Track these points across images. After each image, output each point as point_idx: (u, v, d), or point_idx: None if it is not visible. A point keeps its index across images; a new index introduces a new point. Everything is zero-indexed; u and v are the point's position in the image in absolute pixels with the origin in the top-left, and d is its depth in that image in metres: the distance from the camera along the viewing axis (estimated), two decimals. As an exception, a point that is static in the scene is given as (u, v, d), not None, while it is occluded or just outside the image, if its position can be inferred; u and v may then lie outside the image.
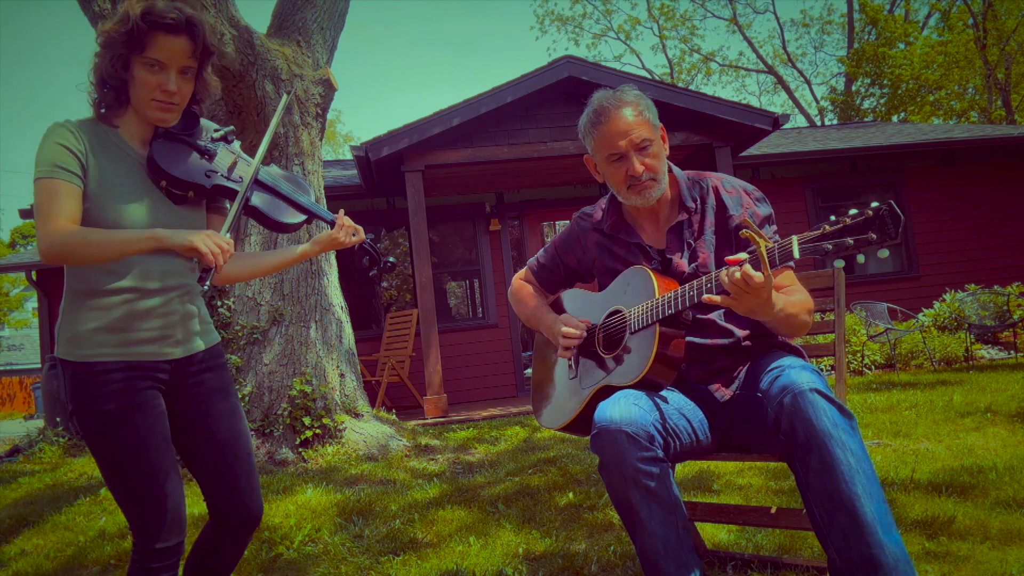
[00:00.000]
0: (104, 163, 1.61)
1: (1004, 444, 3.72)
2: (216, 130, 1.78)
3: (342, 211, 1.86)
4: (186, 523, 1.70)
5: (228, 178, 1.73)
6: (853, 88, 24.75)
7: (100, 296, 1.61)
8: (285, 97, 1.95)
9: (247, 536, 1.81)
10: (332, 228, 1.83)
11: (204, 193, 1.72)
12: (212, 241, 1.55)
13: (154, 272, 1.64)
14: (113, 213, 1.59)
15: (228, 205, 1.79)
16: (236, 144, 1.80)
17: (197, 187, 1.69)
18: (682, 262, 1.96)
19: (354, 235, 1.83)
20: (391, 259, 1.95)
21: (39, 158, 1.55)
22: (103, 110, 1.66)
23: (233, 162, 1.75)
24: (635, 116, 1.92)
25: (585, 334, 2.02)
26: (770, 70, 26.89)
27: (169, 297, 1.67)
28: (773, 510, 2.20)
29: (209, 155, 1.73)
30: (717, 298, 1.66)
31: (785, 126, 12.24)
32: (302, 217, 1.83)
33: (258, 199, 1.77)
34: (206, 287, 1.59)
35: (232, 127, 1.84)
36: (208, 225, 1.79)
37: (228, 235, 1.61)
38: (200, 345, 1.76)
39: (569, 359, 2.09)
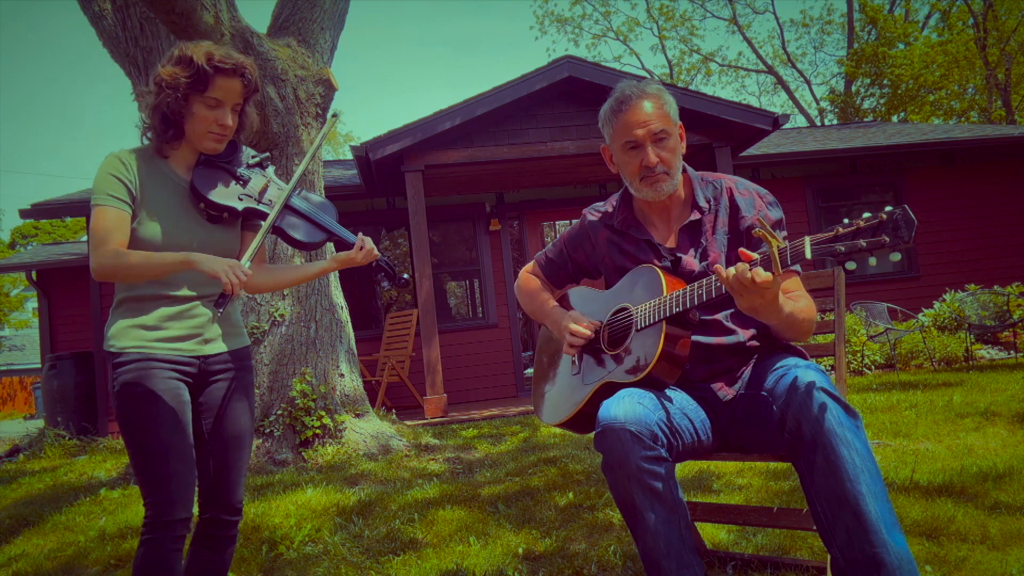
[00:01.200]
0: (152, 188, 1.86)
1: (1004, 444, 3.72)
2: (253, 156, 2.01)
3: (361, 233, 2.04)
4: (193, 502, 1.84)
5: (259, 201, 1.95)
6: (853, 89, 24.75)
7: (139, 301, 1.85)
8: (319, 137, 2.20)
9: (229, 524, 1.97)
10: (351, 248, 2.00)
11: (237, 215, 1.94)
12: (233, 272, 1.74)
13: (188, 280, 1.88)
14: (159, 231, 1.84)
15: (262, 223, 2.00)
16: (270, 169, 2.03)
17: (231, 210, 1.92)
18: (692, 260, 1.96)
19: (368, 256, 2.00)
20: (405, 276, 2.15)
21: (96, 187, 1.82)
22: (160, 143, 1.89)
23: (264, 186, 1.98)
24: (656, 108, 1.94)
25: (592, 335, 2.01)
26: (770, 70, 26.88)
27: (201, 302, 1.91)
28: (774, 510, 2.20)
29: (243, 181, 1.96)
30: (725, 275, 1.65)
31: (785, 126, 12.26)
32: (323, 236, 2.01)
33: (286, 222, 1.96)
34: (220, 312, 1.78)
35: (268, 154, 2.07)
36: (241, 241, 2.02)
37: (248, 264, 1.81)
38: (226, 346, 1.97)
39: (573, 355, 2.09)
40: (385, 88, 76.89)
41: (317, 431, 4.84)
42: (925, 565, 2.18)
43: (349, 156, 15.63)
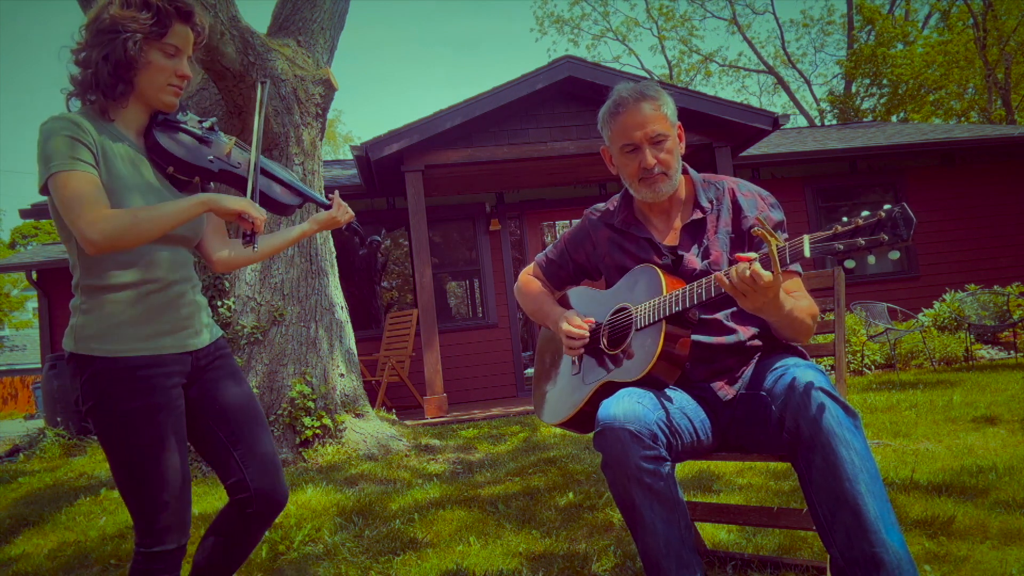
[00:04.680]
0: (110, 153, 1.61)
1: (1004, 444, 3.72)
2: (201, 120, 1.81)
3: (337, 192, 1.98)
4: (190, 525, 1.70)
5: (229, 163, 1.77)
6: (853, 89, 24.75)
7: (119, 290, 1.61)
8: (260, 88, 1.92)
9: (271, 518, 1.78)
10: (327, 209, 1.95)
11: (210, 177, 1.76)
12: (253, 207, 1.65)
13: (165, 263, 1.67)
14: (128, 203, 1.60)
15: (212, 188, 1.86)
16: (222, 133, 1.85)
17: (203, 171, 1.73)
18: (694, 259, 1.97)
19: (346, 214, 1.96)
20: (376, 237, 2.06)
21: (51, 152, 1.52)
22: (108, 100, 1.64)
23: (229, 149, 1.80)
24: (653, 110, 1.94)
25: (588, 336, 2.02)
26: (770, 70, 26.87)
27: (184, 288, 1.71)
28: (774, 510, 2.20)
29: (207, 142, 1.76)
30: (727, 280, 1.66)
31: (785, 126, 12.25)
32: (298, 200, 1.91)
33: (263, 184, 1.84)
34: (255, 249, 1.70)
35: (215, 118, 1.89)
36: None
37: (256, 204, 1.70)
38: (211, 336, 1.79)
39: (574, 356, 2.09)
40: (385, 88, 76.95)
41: (317, 431, 4.84)
42: (925, 565, 2.18)
43: (349, 156, 15.62)
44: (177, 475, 1.63)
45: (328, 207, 1.94)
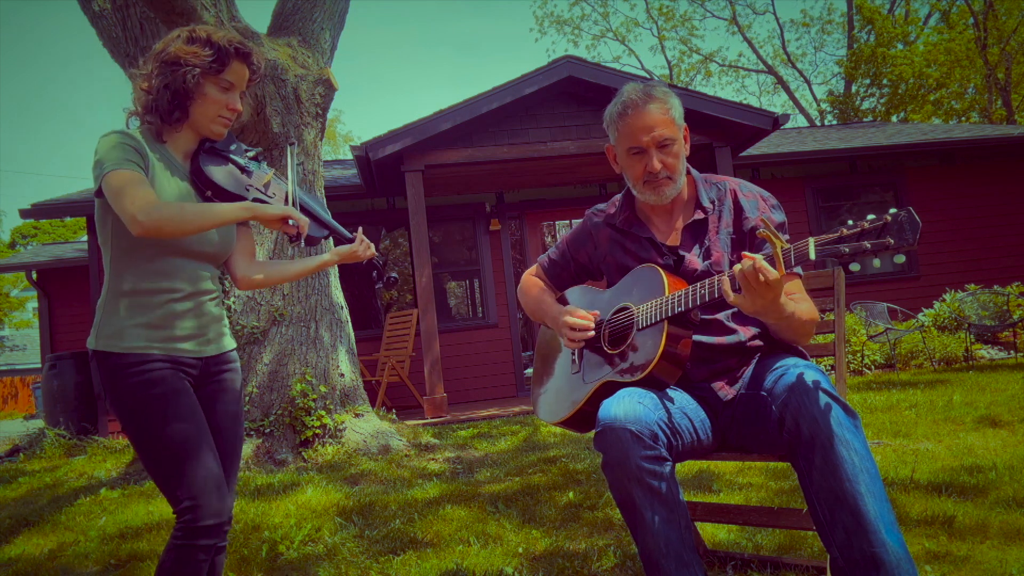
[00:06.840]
0: (158, 171, 1.77)
1: (1004, 444, 3.72)
2: (247, 150, 1.98)
3: (360, 229, 2.06)
4: (231, 509, 1.76)
5: (265, 194, 1.92)
6: (853, 90, 24.75)
7: (143, 295, 1.75)
8: (290, 149, 2.11)
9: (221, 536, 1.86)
10: (349, 243, 2.02)
11: None
12: (296, 212, 1.80)
13: (189, 276, 1.80)
14: None
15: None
16: (265, 164, 2.00)
17: (238, 198, 1.86)
18: (695, 259, 1.97)
19: (368, 250, 2.03)
20: (394, 275, 2.13)
21: (105, 157, 1.67)
22: (164, 125, 1.81)
23: (268, 180, 1.95)
24: (662, 114, 1.94)
25: (593, 326, 2.01)
26: (770, 70, 26.87)
27: (203, 300, 1.84)
28: (774, 510, 2.20)
29: (247, 172, 1.92)
30: (728, 288, 1.65)
31: (785, 126, 12.25)
32: (325, 232, 2.00)
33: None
34: (303, 245, 1.79)
35: (260, 148, 2.02)
36: (237, 237, 1.96)
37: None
38: (224, 346, 1.90)
39: (573, 352, 2.09)
40: (386, 88, 76.97)
41: (317, 431, 4.84)
42: (924, 565, 2.18)
43: (349, 156, 15.63)
44: (210, 450, 1.72)
45: (350, 241, 2.02)
